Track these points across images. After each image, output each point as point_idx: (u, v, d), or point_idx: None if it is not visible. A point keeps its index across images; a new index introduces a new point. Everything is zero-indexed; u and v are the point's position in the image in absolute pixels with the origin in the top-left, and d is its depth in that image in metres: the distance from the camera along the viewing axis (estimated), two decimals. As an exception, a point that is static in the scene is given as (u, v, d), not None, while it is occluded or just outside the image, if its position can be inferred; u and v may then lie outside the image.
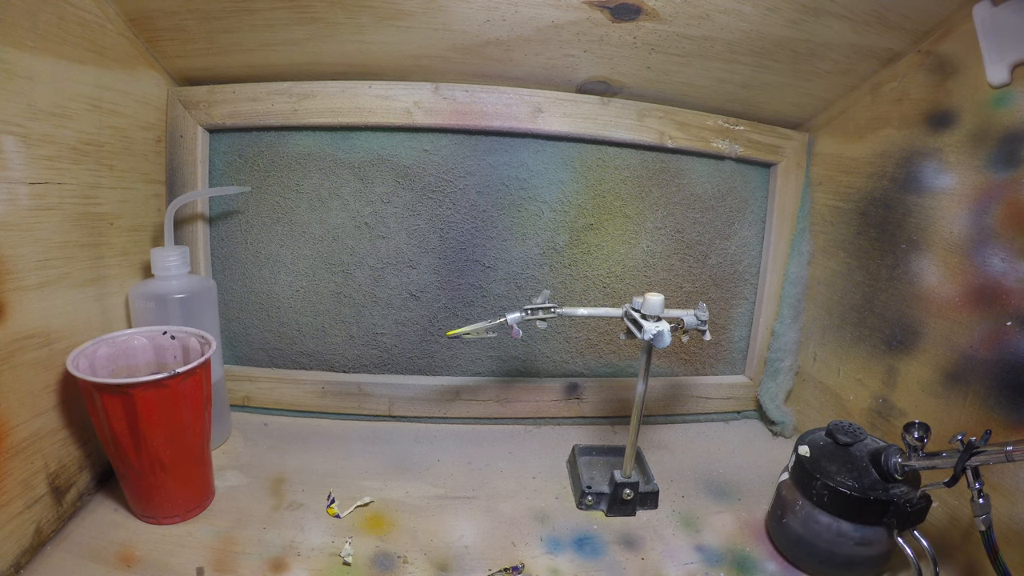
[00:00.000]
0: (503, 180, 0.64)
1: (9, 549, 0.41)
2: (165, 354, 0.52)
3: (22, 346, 0.42)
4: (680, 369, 0.72)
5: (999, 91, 0.45)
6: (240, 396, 0.66)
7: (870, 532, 0.43)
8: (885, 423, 0.56)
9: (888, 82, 0.56)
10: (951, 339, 0.49)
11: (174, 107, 0.59)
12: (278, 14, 0.51)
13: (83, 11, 0.46)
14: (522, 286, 0.67)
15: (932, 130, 0.52)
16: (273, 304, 0.65)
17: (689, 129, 0.64)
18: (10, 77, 0.40)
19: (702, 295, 0.70)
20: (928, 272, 0.52)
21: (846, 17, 0.50)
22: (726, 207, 0.68)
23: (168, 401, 0.44)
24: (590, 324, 0.68)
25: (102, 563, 0.43)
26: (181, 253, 0.54)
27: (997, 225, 0.45)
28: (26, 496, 0.43)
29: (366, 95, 0.60)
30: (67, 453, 0.47)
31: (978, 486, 0.37)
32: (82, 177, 0.48)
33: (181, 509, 0.48)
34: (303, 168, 0.62)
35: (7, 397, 0.41)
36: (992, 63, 0.45)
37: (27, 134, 0.42)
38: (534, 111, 0.61)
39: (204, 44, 0.55)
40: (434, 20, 0.52)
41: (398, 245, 0.64)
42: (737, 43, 0.54)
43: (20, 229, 0.42)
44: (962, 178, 0.49)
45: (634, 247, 0.67)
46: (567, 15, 0.52)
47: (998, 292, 0.45)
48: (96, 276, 0.51)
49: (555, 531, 0.51)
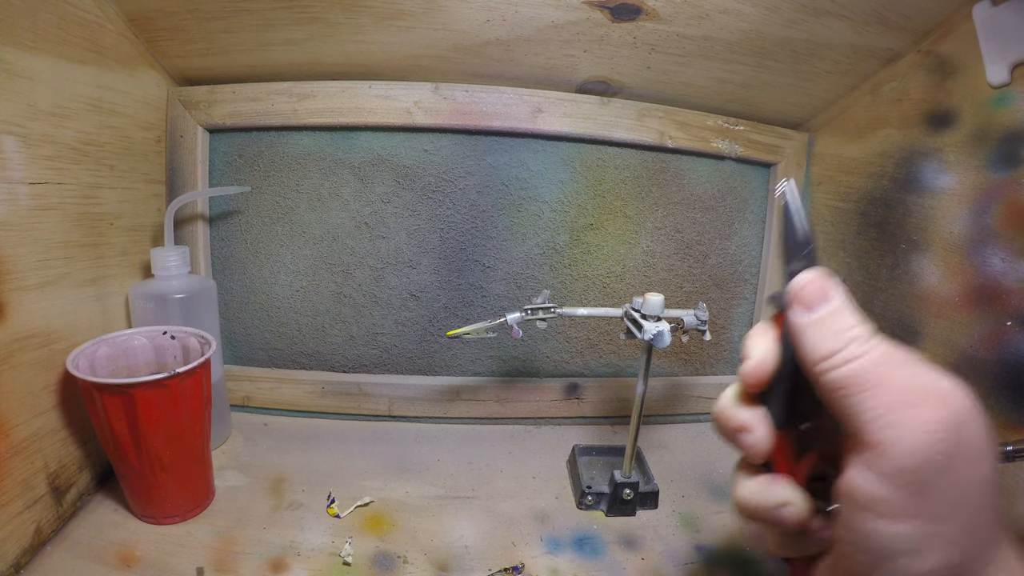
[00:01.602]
0: (503, 180, 0.64)
1: (9, 549, 0.41)
2: (165, 354, 0.52)
3: (22, 346, 0.42)
4: (680, 369, 0.72)
5: (999, 91, 0.45)
6: (240, 396, 0.66)
7: (870, 532, 0.43)
8: (885, 423, 0.56)
9: (888, 82, 0.56)
10: (951, 339, 0.49)
11: (174, 107, 0.59)
12: (278, 14, 0.51)
13: (83, 11, 0.46)
14: (522, 286, 0.67)
15: (932, 130, 0.52)
16: (273, 304, 0.65)
17: (689, 129, 0.64)
18: (10, 77, 0.40)
19: (702, 295, 0.70)
20: (928, 272, 0.52)
21: (846, 17, 0.50)
22: (726, 207, 0.68)
23: (168, 401, 0.44)
24: (590, 324, 0.68)
25: (102, 563, 0.43)
26: (181, 253, 0.54)
27: (997, 225, 0.45)
28: (26, 496, 0.43)
29: (366, 95, 0.60)
30: (67, 453, 0.47)
31: (978, 486, 0.37)
32: (82, 177, 0.48)
33: (181, 509, 0.48)
34: (303, 168, 0.62)
35: (7, 397, 0.41)
36: (992, 63, 0.45)
37: (27, 134, 0.42)
38: (534, 111, 0.61)
39: (204, 44, 0.55)
40: (434, 20, 0.52)
41: (398, 245, 0.64)
42: (737, 43, 0.54)
43: (20, 229, 0.42)
44: (962, 178, 0.49)
45: (634, 247, 0.67)
46: (567, 15, 0.52)
47: (998, 292, 0.45)
48: (96, 276, 0.51)
49: (555, 531, 0.51)
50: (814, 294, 0.24)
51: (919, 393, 0.21)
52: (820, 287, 0.24)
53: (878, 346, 0.22)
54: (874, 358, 0.22)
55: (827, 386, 0.23)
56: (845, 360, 0.22)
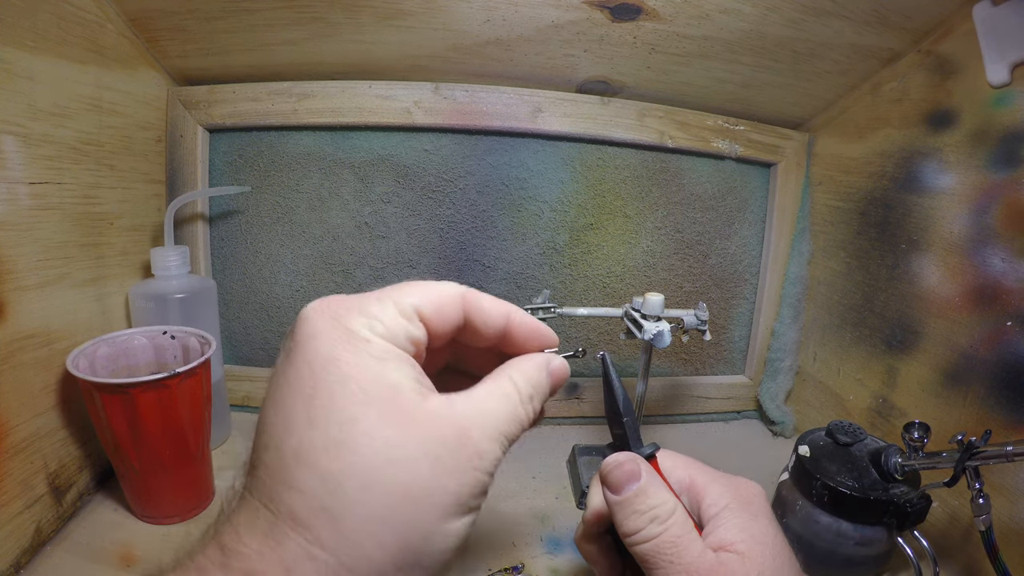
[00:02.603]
0: (503, 180, 0.64)
1: (9, 549, 0.41)
2: (165, 354, 0.52)
3: (22, 346, 0.42)
4: (680, 369, 0.72)
5: (999, 91, 0.45)
6: (240, 396, 0.66)
7: (870, 532, 0.43)
8: (885, 423, 0.56)
9: (888, 82, 0.56)
10: (951, 339, 0.49)
11: (174, 107, 0.59)
12: (278, 14, 0.51)
13: (83, 11, 0.46)
14: (522, 286, 0.67)
15: (932, 130, 0.52)
16: (273, 304, 0.65)
17: (689, 129, 0.64)
18: (10, 77, 0.40)
19: (702, 295, 0.70)
20: (928, 272, 0.52)
21: (846, 17, 0.50)
22: (726, 207, 0.68)
23: (168, 401, 0.44)
24: (590, 324, 0.68)
25: (102, 563, 0.43)
26: (181, 253, 0.54)
27: (997, 225, 0.45)
28: (26, 496, 0.43)
29: (366, 95, 0.60)
30: (67, 453, 0.47)
31: (978, 486, 0.37)
32: (82, 177, 0.48)
33: (181, 509, 0.48)
34: (303, 168, 0.62)
35: (7, 397, 0.41)
36: (992, 63, 0.45)
37: (27, 134, 0.42)
38: (534, 111, 0.61)
39: (204, 44, 0.55)
40: (434, 20, 0.52)
41: (398, 245, 0.64)
42: (737, 43, 0.54)
43: (20, 229, 0.42)
44: (962, 178, 0.49)
45: (634, 247, 0.67)
46: (567, 15, 0.52)
47: (998, 292, 0.45)
48: (96, 276, 0.51)
49: (555, 531, 0.51)
50: (621, 477, 0.26)
51: (705, 570, 0.24)
52: (627, 471, 0.27)
53: (674, 525, 0.25)
54: (669, 537, 0.25)
55: (635, 555, 0.26)
56: (645, 539, 0.25)
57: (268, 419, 0.20)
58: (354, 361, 0.20)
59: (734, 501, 0.27)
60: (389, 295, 0.22)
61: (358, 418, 0.19)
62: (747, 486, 0.29)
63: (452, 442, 0.20)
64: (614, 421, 0.30)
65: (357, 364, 0.20)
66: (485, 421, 0.22)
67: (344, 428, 0.19)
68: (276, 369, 0.21)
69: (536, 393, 0.24)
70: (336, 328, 0.20)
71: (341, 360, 0.20)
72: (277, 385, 0.20)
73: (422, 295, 0.22)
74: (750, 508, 0.27)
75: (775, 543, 0.26)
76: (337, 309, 0.21)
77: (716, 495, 0.28)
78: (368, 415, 0.19)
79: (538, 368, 0.25)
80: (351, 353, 0.20)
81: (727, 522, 0.26)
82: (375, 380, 0.20)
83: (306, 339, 0.20)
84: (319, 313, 0.21)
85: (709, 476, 0.29)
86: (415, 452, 0.19)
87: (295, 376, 0.20)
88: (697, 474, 0.30)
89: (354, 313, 0.21)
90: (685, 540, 0.25)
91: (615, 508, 0.26)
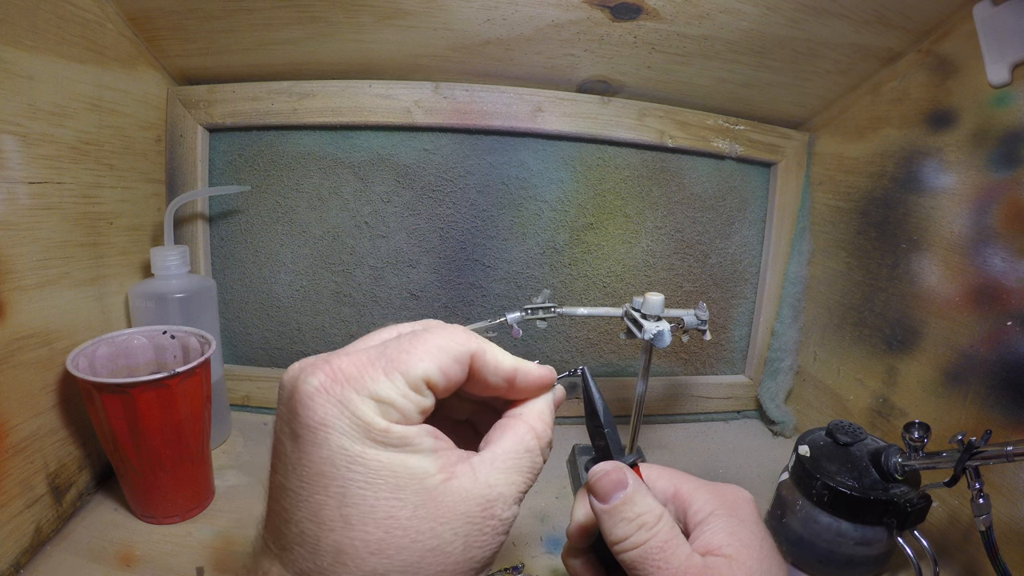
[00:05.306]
0: (503, 179, 0.64)
1: (9, 549, 0.41)
2: (165, 354, 0.52)
3: (22, 346, 0.42)
4: (680, 369, 0.72)
5: (999, 91, 0.45)
6: (240, 396, 0.66)
7: (870, 532, 0.43)
8: (885, 423, 0.56)
9: (888, 82, 0.56)
10: (951, 339, 0.49)
11: (174, 106, 0.59)
12: (278, 13, 0.51)
13: (83, 11, 0.46)
14: (522, 285, 0.67)
15: (932, 130, 0.52)
16: (273, 304, 0.65)
17: (689, 128, 0.64)
18: (10, 77, 0.40)
19: (702, 295, 0.70)
20: (928, 272, 0.52)
21: (846, 17, 0.50)
22: (726, 207, 0.68)
23: (168, 401, 0.44)
24: (590, 324, 0.68)
25: (102, 563, 0.43)
26: (181, 253, 0.54)
27: (997, 225, 0.45)
28: (26, 496, 0.43)
29: (366, 94, 0.60)
30: (67, 453, 0.47)
31: (978, 486, 0.37)
32: (82, 176, 0.48)
33: (181, 509, 0.48)
34: (303, 167, 0.62)
35: (7, 397, 0.41)
36: (992, 63, 0.45)
37: (27, 134, 0.42)
38: (534, 110, 0.61)
39: (204, 43, 0.55)
40: (434, 19, 0.52)
41: (398, 244, 0.64)
42: (737, 42, 0.54)
43: (20, 229, 0.42)
44: (962, 178, 0.49)
45: (634, 246, 0.67)
46: (567, 14, 0.52)
47: (998, 292, 0.45)
48: (96, 276, 0.51)
49: (555, 531, 0.51)
50: (608, 486, 0.27)
51: (693, 575, 0.24)
52: (614, 479, 0.27)
53: (661, 531, 0.25)
54: (657, 543, 0.25)
55: (622, 563, 0.26)
56: (633, 545, 0.25)
57: (290, 511, 0.20)
58: (374, 455, 0.20)
59: (721, 507, 0.28)
60: (395, 365, 0.21)
61: (393, 515, 0.20)
62: (734, 492, 0.29)
63: (478, 518, 0.21)
64: (595, 433, 0.30)
65: (379, 458, 0.20)
66: (508, 490, 0.22)
67: (381, 526, 0.19)
68: (284, 452, 0.21)
69: (550, 429, 0.26)
70: (346, 416, 0.20)
71: (364, 456, 0.20)
72: (294, 473, 0.20)
73: (432, 361, 0.22)
74: (737, 513, 0.27)
75: (763, 547, 0.26)
76: (343, 392, 0.20)
77: (702, 502, 0.28)
78: (402, 511, 0.20)
79: (549, 407, 0.27)
80: (371, 447, 0.20)
81: (714, 527, 0.27)
82: (401, 472, 0.20)
83: (316, 427, 0.20)
84: (323, 396, 0.20)
85: (694, 484, 0.29)
86: (448, 535, 0.20)
87: (317, 473, 0.20)
88: (682, 483, 0.30)
89: (364, 396, 0.20)
90: (672, 545, 0.25)
91: (602, 517, 0.26)
